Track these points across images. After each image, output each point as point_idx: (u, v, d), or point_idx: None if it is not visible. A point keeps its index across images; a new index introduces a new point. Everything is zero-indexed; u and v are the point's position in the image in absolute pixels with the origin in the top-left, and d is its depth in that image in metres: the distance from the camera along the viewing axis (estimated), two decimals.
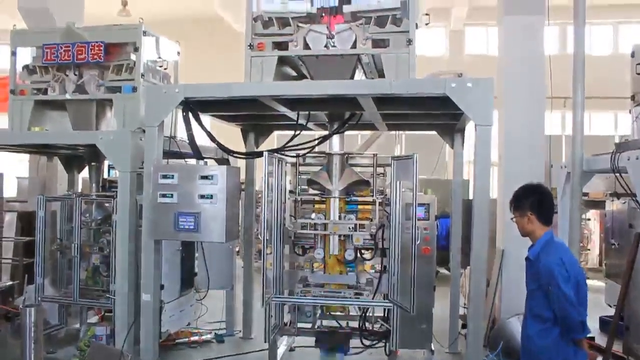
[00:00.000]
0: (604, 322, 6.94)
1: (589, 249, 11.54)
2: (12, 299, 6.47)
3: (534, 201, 3.55)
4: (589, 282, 9.99)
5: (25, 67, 5.57)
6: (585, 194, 7.99)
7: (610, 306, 6.87)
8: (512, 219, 3.66)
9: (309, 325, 5.06)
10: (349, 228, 4.54)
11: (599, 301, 7.18)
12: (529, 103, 7.29)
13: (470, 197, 5.01)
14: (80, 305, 5.70)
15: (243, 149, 5.98)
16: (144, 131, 4.49)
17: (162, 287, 4.67)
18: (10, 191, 10.28)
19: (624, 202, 6.77)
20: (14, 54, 5.61)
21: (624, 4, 15.33)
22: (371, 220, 4.60)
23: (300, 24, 4.28)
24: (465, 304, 6.39)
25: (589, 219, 11.51)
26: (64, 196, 6.01)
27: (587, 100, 5.89)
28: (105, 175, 6.30)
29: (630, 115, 6.03)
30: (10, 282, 6.75)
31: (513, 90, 7.36)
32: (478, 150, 3.81)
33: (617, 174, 4.98)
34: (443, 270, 9.02)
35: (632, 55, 5.81)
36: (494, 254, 6.92)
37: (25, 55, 5.66)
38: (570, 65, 5.88)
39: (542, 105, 7.30)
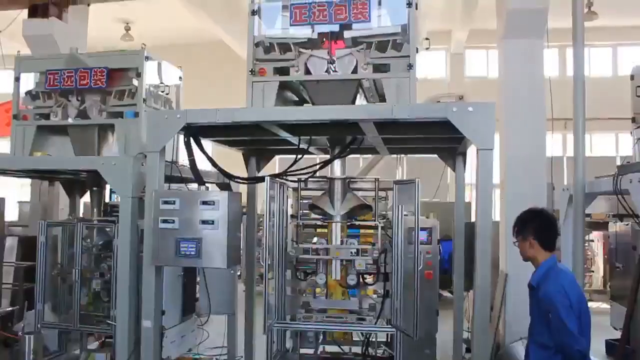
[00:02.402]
0: (610, 346, 6.86)
1: (592, 271, 11.47)
2: (12, 324, 6.43)
3: (536, 226, 3.54)
4: (593, 304, 9.97)
5: (29, 92, 5.60)
6: (588, 215, 7.97)
7: (616, 329, 6.80)
8: (514, 243, 3.65)
9: (312, 351, 5.01)
10: (351, 253, 4.51)
11: (605, 324, 7.12)
12: (529, 125, 7.33)
13: (473, 219, 4.99)
14: (80, 331, 5.64)
15: (244, 173, 5.98)
16: (145, 156, 4.49)
17: (163, 312, 4.63)
18: (11, 215, 10.31)
19: (627, 224, 6.76)
20: (17, 79, 5.65)
21: (622, 26, 15.49)
22: (373, 245, 4.57)
23: (301, 49, 4.30)
24: (468, 328, 6.34)
25: (592, 240, 11.46)
26: (65, 221, 6.00)
27: (588, 121, 5.91)
28: (107, 200, 6.29)
29: (632, 137, 6.04)
30: (10, 308, 6.71)
31: (514, 113, 7.41)
32: (480, 174, 3.80)
33: (620, 196, 4.97)
34: (446, 294, 8.96)
35: (632, 77, 5.85)
36: (497, 277, 6.88)
37: (29, 81, 5.71)
38: (570, 87, 5.91)
39: (542, 127, 7.34)
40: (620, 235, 7.08)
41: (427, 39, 4.72)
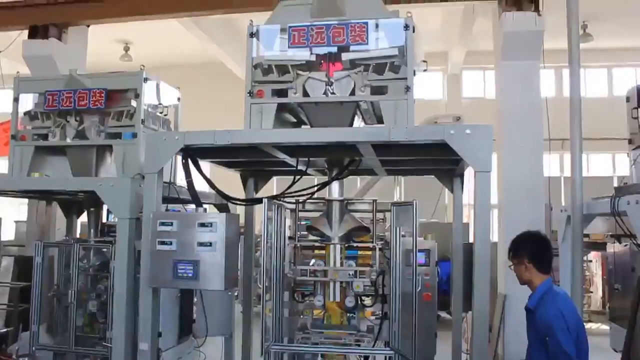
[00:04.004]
0: None
1: (591, 292, 11.44)
2: (6, 345, 6.36)
3: (531, 250, 3.54)
4: (592, 325, 9.89)
5: (27, 112, 5.62)
6: (586, 235, 7.97)
7: (616, 351, 6.75)
8: (510, 266, 3.65)
9: None
10: (349, 274, 4.49)
11: (604, 345, 7.06)
12: (527, 146, 7.37)
13: (471, 240, 4.99)
14: (75, 353, 5.58)
15: (242, 193, 5.98)
16: (143, 177, 4.49)
17: (159, 334, 4.59)
18: (8, 235, 10.26)
19: (626, 245, 6.74)
20: (16, 100, 5.66)
21: (616, 47, 15.65)
22: (371, 267, 4.56)
23: (299, 71, 4.33)
24: (467, 350, 6.29)
25: (590, 261, 11.44)
26: (62, 242, 5.98)
27: (585, 141, 5.93)
28: (104, 220, 6.27)
29: (628, 159, 6.06)
30: (5, 329, 6.65)
31: (511, 133, 7.45)
32: (478, 196, 3.80)
33: (618, 217, 4.97)
34: (444, 315, 8.91)
35: (627, 99, 5.88)
36: (495, 298, 6.86)
37: (28, 101, 5.72)
38: (567, 107, 5.94)
39: (540, 147, 7.38)
40: (619, 256, 7.04)
41: (424, 61, 4.76)
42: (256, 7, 7.98)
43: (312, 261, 4.76)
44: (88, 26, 9.37)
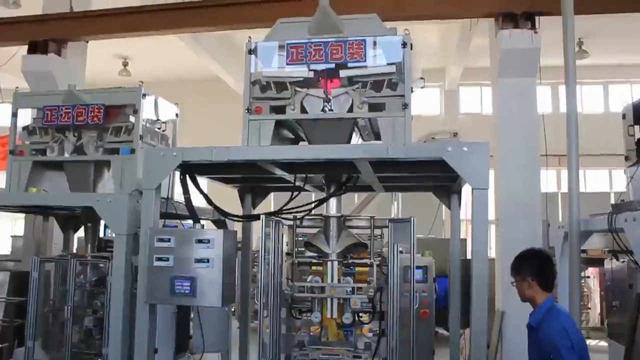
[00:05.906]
0: None
1: (589, 308, 11.40)
2: None
3: (535, 267, 3.54)
4: (591, 342, 9.82)
5: (25, 128, 5.62)
6: (584, 251, 7.96)
7: None
8: (512, 283, 3.64)
9: None
10: (347, 291, 4.47)
11: None
12: (524, 162, 7.39)
13: (468, 256, 4.98)
14: None
15: (239, 208, 5.97)
16: (141, 193, 4.49)
17: (155, 350, 4.56)
18: (4, 249, 10.22)
19: (623, 261, 6.73)
20: (14, 115, 5.67)
21: (612, 64, 15.78)
22: (369, 283, 4.54)
23: (297, 88, 4.35)
24: None
25: (588, 277, 11.41)
26: (59, 257, 5.95)
27: (581, 157, 5.94)
28: (101, 234, 6.25)
29: (625, 175, 6.08)
30: None
31: (508, 150, 7.48)
32: (475, 213, 3.81)
33: (615, 234, 4.97)
34: (442, 331, 8.87)
35: (623, 116, 5.91)
36: (493, 315, 6.84)
37: (26, 116, 5.73)
38: (563, 123, 5.96)
39: (537, 163, 7.40)
40: (616, 273, 7.02)
41: (421, 78, 4.79)
42: (255, 24, 8.03)
43: (310, 277, 4.75)
44: (87, 42, 9.42)
